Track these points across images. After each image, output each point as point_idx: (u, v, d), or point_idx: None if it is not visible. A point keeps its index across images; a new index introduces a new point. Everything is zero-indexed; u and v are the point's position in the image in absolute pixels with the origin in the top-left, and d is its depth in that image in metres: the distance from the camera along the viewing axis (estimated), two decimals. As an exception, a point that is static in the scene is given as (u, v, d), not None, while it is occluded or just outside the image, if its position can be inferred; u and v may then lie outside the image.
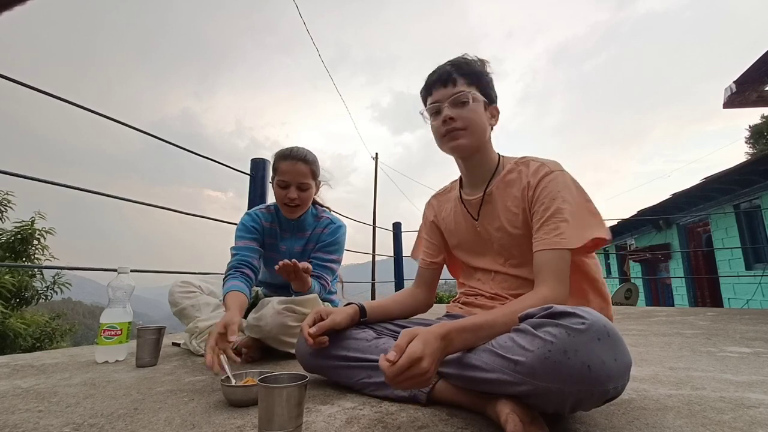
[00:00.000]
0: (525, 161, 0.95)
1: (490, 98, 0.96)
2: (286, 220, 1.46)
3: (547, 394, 0.58)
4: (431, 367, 0.62)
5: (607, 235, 0.84)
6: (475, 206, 1.01)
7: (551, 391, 0.57)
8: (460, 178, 1.08)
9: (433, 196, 1.17)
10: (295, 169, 1.35)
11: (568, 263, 0.81)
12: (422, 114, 1.00)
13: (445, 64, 0.97)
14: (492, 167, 0.98)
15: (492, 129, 0.99)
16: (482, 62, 0.98)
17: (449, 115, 0.92)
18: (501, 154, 1.01)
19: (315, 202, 1.54)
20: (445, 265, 1.16)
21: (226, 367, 0.87)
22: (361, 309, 0.96)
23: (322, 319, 0.90)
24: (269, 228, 1.47)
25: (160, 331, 1.25)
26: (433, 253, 1.13)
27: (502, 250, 0.97)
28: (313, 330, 0.86)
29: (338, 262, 1.48)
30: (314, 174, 1.41)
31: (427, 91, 0.99)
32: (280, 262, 1.12)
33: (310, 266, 1.20)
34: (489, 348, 0.66)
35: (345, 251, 1.53)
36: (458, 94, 0.92)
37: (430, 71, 0.99)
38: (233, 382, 0.83)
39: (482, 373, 0.65)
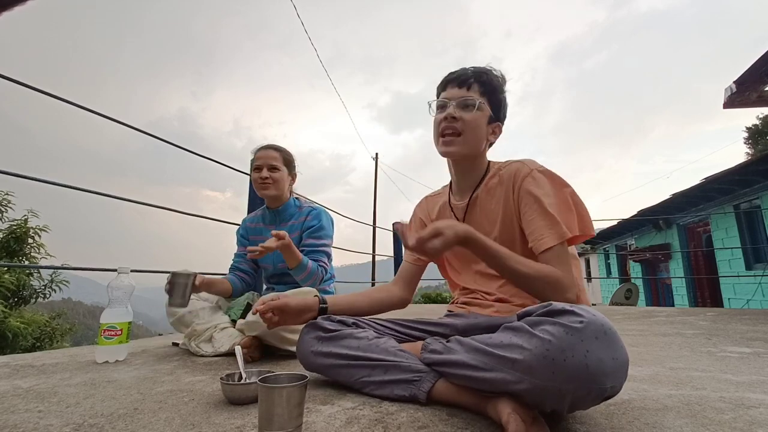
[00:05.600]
0: (506, 164, 0.98)
1: (497, 115, 0.99)
2: (270, 214, 1.63)
3: (545, 392, 0.58)
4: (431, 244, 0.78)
5: (590, 231, 0.87)
6: (461, 212, 1.03)
7: (549, 389, 0.58)
8: (451, 183, 1.10)
9: (424, 198, 1.20)
10: (267, 154, 1.58)
11: (568, 253, 0.84)
12: (429, 104, 1.02)
13: (468, 67, 1.00)
14: (481, 174, 1.01)
15: (491, 144, 1.01)
16: (503, 80, 1.01)
17: (452, 114, 0.95)
18: (491, 160, 1.04)
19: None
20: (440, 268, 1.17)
21: (240, 361, 0.89)
22: (322, 302, 0.99)
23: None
24: (253, 227, 1.68)
25: (190, 277, 1.27)
26: None
27: None
28: (260, 306, 0.91)
29: (329, 245, 1.57)
30: (285, 161, 1.60)
31: (442, 87, 1.02)
32: (248, 254, 1.29)
33: (281, 233, 1.30)
34: (484, 348, 0.66)
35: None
36: (468, 97, 0.95)
37: (452, 70, 1.02)
38: (243, 377, 0.85)
39: (481, 372, 0.65)
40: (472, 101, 0.94)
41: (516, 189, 0.92)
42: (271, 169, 1.57)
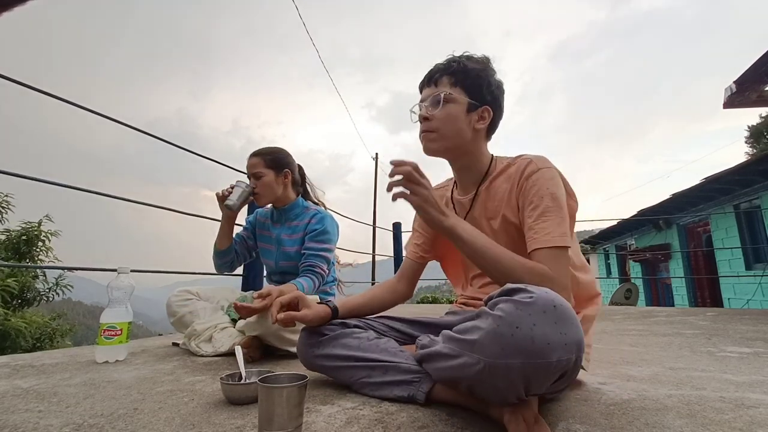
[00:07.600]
0: (515, 159, 0.92)
1: (481, 100, 0.91)
2: (277, 212, 1.65)
3: (496, 373, 0.58)
4: (424, 187, 0.78)
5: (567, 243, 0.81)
6: (463, 207, 0.99)
7: (498, 368, 0.57)
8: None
9: None
10: (249, 164, 1.59)
11: (567, 258, 0.80)
12: (411, 111, 0.97)
13: (441, 62, 0.94)
14: (482, 170, 0.95)
15: (480, 131, 0.93)
16: (482, 61, 0.94)
17: (423, 115, 0.92)
18: (496, 155, 0.98)
19: (307, 198, 1.72)
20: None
21: (240, 361, 0.89)
22: (334, 311, 0.94)
23: (296, 304, 0.91)
24: (262, 222, 1.71)
25: (250, 186, 1.52)
26: (424, 247, 1.09)
27: None
28: (281, 316, 0.87)
29: (330, 250, 1.55)
30: (267, 163, 1.57)
31: (419, 89, 0.98)
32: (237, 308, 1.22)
33: (263, 293, 1.16)
34: (453, 335, 0.66)
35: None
36: (435, 94, 0.91)
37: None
38: (243, 377, 0.85)
39: (451, 360, 0.65)
40: (438, 97, 0.90)
41: (520, 186, 0.87)
42: (255, 176, 1.55)
